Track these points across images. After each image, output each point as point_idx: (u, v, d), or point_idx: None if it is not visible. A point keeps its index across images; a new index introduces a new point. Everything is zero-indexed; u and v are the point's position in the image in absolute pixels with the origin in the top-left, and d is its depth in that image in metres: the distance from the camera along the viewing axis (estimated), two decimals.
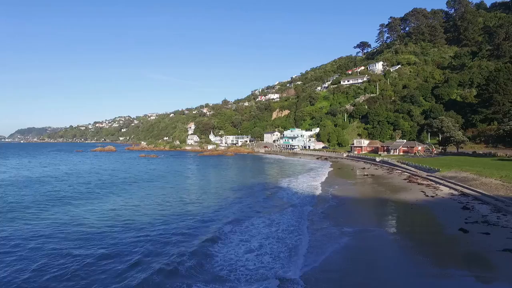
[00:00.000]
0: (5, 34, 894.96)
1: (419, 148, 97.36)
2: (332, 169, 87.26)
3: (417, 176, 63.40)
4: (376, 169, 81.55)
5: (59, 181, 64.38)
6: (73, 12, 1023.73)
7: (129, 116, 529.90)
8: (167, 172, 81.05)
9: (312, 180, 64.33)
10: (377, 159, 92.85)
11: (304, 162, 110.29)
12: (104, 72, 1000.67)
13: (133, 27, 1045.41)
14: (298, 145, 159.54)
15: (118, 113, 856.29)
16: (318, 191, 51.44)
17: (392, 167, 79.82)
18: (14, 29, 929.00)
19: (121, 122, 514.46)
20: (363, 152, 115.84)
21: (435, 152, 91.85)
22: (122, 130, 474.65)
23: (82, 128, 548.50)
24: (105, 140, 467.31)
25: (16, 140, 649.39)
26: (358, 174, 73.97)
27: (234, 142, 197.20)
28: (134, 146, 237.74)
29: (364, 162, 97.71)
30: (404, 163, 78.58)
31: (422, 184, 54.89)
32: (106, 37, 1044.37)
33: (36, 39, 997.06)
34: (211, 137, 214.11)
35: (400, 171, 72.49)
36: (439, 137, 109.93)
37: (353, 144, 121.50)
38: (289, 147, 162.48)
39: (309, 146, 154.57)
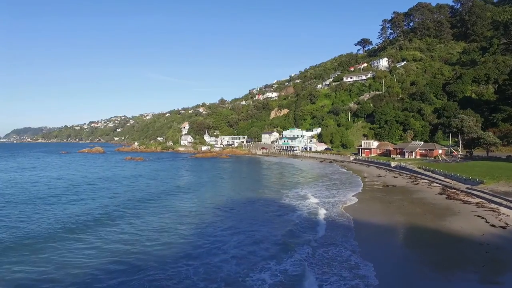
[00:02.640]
0: (2, 33, 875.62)
1: (440, 151, 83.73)
2: (348, 177, 73.40)
3: (454, 189, 49.83)
4: (394, 177, 67.87)
5: None
6: (71, 12, 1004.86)
7: (125, 116, 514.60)
8: (145, 184, 64.17)
9: (326, 195, 50.45)
10: (392, 164, 79.25)
11: (308, 167, 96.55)
12: (102, 72, 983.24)
13: (132, 27, 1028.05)
14: (298, 147, 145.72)
15: (115, 113, 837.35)
16: (336, 214, 37.70)
17: (415, 175, 66.19)
18: (11, 29, 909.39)
19: (116, 122, 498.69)
20: (372, 155, 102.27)
21: (459, 155, 78.36)
22: (117, 130, 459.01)
23: (77, 128, 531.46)
24: (99, 140, 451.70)
25: (11, 140, 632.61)
26: (375, 184, 60.28)
27: (230, 143, 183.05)
28: (124, 147, 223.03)
29: (377, 167, 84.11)
30: (428, 170, 65.01)
31: (469, 202, 41.31)
32: (106, 37, 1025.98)
33: (35, 39, 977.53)
34: (206, 137, 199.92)
35: (427, 181, 58.83)
36: (458, 138, 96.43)
37: (361, 145, 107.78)
38: (288, 149, 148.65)
39: (310, 148, 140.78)
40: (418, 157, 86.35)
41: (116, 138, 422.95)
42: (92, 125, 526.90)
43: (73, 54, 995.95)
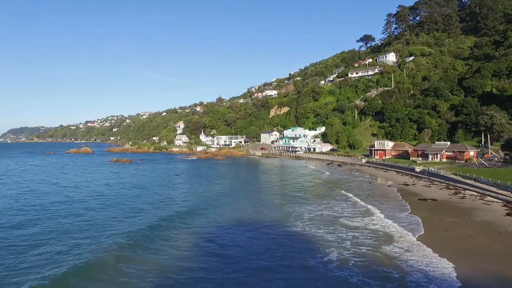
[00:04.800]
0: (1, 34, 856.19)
1: (471, 153, 70.27)
2: (371, 186, 59.78)
3: None
4: (426, 186, 54.22)
5: None
6: (68, 11, 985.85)
7: (121, 115, 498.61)
8: (114, 205, 43.78)
9: (358, 215, 36.49)
10: (417, 168, 65.73)
11: (316, 171, 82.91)
12: (101, 71, 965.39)
13: (130, 26, 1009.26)
14: (300, 147, 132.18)
15: (113, 112, 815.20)
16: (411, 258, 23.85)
17: (452, 184, 52.58)
18: (9, 28, 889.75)
19: (113, 121, 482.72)
20: (386, 156, 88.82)
21: (497, 159, 64.91)
22: (114, 129, 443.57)
23: (73, 127, 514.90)
24: (95, 140, 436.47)
25: (7, 140, 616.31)
26: (406, 196, 46.69)
27: (227, 143, 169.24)
28: (116, 147, 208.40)
29: (397, 172, 70.57)
30: (468, 178, 51.50)
31: None
32: (105, 36, 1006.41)
33: (33, 37, 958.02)
34: (202, 137, 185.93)
35: (476, 194, 45.21)
36: (486, 138, 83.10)
37: (373, 146, 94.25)
38: (290, 149, 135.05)
39: (314, 148, 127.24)
40: (445, 160, 72.93)
41: (112, 138, 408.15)
42: (88, 124, 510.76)
43: (72, 53, 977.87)
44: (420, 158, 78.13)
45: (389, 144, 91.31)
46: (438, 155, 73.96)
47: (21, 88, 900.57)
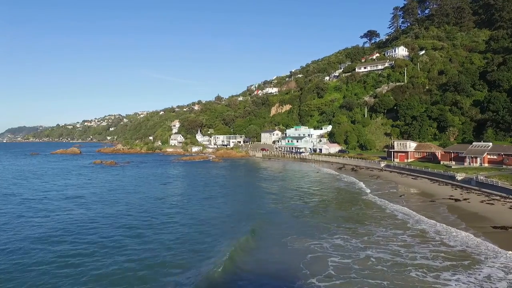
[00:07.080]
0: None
1: None
2: (419, 204, 45.90)
3: None
4: (485, 202, 40.28)
5: None
6: (66, 10, 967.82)
7: (119, 115, 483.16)
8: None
9: (440, 264, 22.41)
10: (458, 176, 51.87)
11: (328, 178, 69.03)
12: (100, 71, 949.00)
13: (129, 26, 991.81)
14: (305, 148, 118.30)
15: (111, 112, 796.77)
16: None
17: None
18: (8, 27, 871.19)
19: (110, 120, 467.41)
20: (409, 159, 74.95)
21: None
22: (110, 129, 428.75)
23: (70, 127, 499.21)
24: (92, 139, 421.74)
25: (5, 140, 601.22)
26: (468, 220, 32.97)
27: (225, 143, 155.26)
28: (107, 147, 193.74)
29: (431, 180, 56.53)
30: None
31: None
32: (104, 36, 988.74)
33: (32, 37, 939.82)
34: (199, 137, 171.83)
35: None
36: None
37: (392, 147, 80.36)
38: (294, 150, 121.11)
39: (320, 149, 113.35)
40: (486, 164, 59.09)
41: (108, 138, 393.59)
42: (85, 123, 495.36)
43: (71, 53, 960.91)
44: (453, 162, 64.33)
45: (411, 145, 77.39)
46: (478, 159, 60.11)
47: (19, 87, 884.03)
